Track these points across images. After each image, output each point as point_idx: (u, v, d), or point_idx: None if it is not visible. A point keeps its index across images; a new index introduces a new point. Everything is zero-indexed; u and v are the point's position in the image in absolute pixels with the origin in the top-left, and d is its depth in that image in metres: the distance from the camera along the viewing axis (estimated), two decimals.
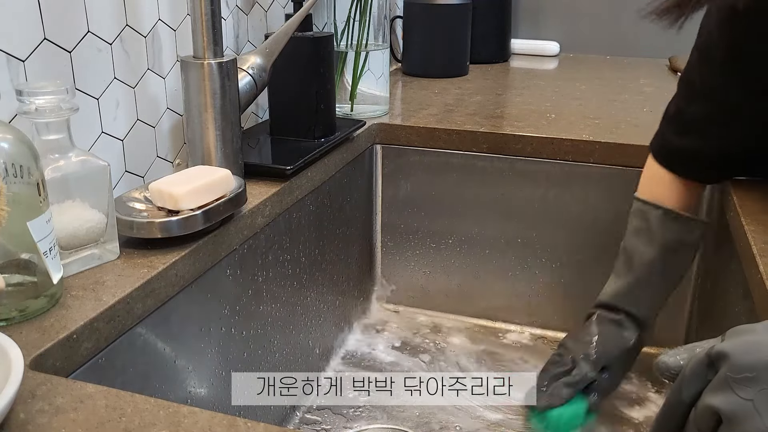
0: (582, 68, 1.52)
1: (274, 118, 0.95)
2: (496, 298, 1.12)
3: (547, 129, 1.03)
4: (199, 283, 0.68)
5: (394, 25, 1.47)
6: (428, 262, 1.13)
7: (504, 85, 1.37)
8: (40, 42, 0.63)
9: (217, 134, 0.75)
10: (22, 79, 0.61)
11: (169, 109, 0.81)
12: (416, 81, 1.37)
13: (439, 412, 0.93)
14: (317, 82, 0.92)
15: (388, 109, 1.12)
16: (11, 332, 0.49)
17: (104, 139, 0.72)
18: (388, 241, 1.14)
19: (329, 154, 0.94)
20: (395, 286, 1.17)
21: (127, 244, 0.64)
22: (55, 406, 0.44)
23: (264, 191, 0.80)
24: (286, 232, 0.85)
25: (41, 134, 0.57)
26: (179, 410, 0.44)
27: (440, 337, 1.10)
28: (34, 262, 0.53)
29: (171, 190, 0.65)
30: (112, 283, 0.58)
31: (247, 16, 0.96)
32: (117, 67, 0.72)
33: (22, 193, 0.51)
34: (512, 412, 0.93)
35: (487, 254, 1.10)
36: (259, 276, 0.80)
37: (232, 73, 0.75)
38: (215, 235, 0.69)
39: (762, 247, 0.64)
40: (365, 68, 1.08)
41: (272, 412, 0.86)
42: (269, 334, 0.84)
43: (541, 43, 1.64)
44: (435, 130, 1.05)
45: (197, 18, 0.72)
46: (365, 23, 1.06)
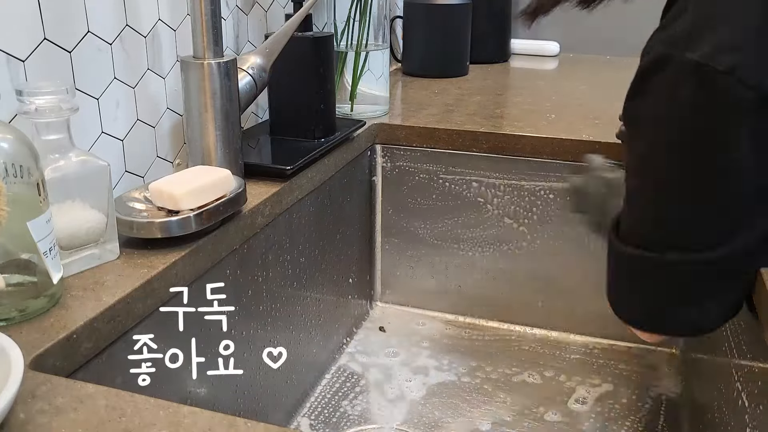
0: (582, 68, 1.52)
1: (274, 118, 0.95)
2: (496, 299, 1.12)
3: (547, 129, 1.03)
4: (199, 283, 0.68)
5: (394, 25, 1.47)
6: (428, 263, 1.13)
7: (504, 85, 1.37)
8: (40, 42, 0.63)
9: (217, 134, 0.75)
10: (22, 79, 0.61)
11: (169, 109, 0.81)
12: (416, 81, 1.37)
13: (439, 411, 0.94)
14: (317, 82, 0.92)
15: (388, 109, 1.12)
16: (11, 332, 0.49)
17: (104, 139, 0.72)
18: (388, 241, 1.14)
19: (329, 154, 0.94)
20: (395, 286, 1.17)
21: (127, 244, 0.64)
22: (55, 406, 0.44)
23: (264, 191, 0.80)
24: (286, 232, 0.85)
25: (41, 134, 0.57)
26: (179, 410, 0.44)
27: (440, 337, 1.10)
28: (34, 262, 0.53)
29: (171, 190, 0.65)
30: (112, 283, 0.58)
31: (247, 16, 0.96)
32: (117, 67, 0.72)
33: (22, 193, 0.51)
34: (512, 412, 0.93)
35: (487, 254, 1.10)
36: (259, 276, 0.80)
37: (232, 73, 0.75)
38: (215, 235, 0.69)
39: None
40: (365, 68, 1.08)
41: (275, 412, 0.86)
42: (269, 334, 0.84)
43: (541, 43, 1.64)
44: (435, 130, 1.05)
45: (197, 18, 0.72)
46: (365, 23, 1.06)
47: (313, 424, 0.92)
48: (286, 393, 0.90)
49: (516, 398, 0.96)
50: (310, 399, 0.96)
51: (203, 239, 0.67)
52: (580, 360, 1.05)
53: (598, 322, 1.08)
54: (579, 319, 1.09)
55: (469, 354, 1.06)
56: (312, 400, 0.96)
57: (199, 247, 0.66)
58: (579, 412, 0.94)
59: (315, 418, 0.93)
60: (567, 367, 1.03)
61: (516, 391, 0.98)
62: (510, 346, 1.08)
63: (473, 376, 1.01)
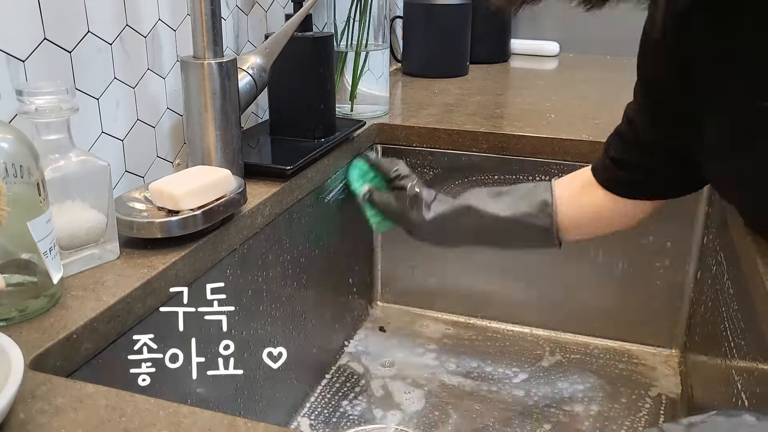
0: (582, 68, 1.52)
1: (274, 118, 0.95)
2: (496, 299, 1.12)
3: (547, 129, 1.03)
4: (199, 283, 0.68)
5: (394, 25, 1.47)
6: (428, 263, 1.13)
7: (504, 85, 1.37)
8: (40, 42, 0.63)
9: (217, 134, 0.75)
10: (22, 79, 0.61)
11: (169, 109, 0.81)
12: (416, 81, 1.37)
13: (439, 411, 0.94)
14: (317, 82, 0.92)
15: (388, 109, 1.12)
16: (11, 332, 0.49)
17: (104, 139, 0.72)
18: (388, 241, 1.14)
19: (329, 154, 0.94)
20: (395, 286, 1.17)
21: (127, 244, 0.64)
22: (55, 406, 0.44)
23: (264, 191, 0.80)
24: (286, 232, 0.85)
25: (41, 134, 0.57)
26: (179, 410, 0.44)
27: (440, 337, 1.10)
28: (34, 262, 0.53)
29: (171, 190, 0.65)
30: (112, 283, 0.58)
31: (247, 16, 0.96)
32: (117, 67, 0.72)
33: (22, 193, 0.51)
34: (511, 409, 0.93)
35: (486, 254, 1.09)
36: (259, 276, 0.80)
37: (232, 73, 0.75)
38: (215, 235, 0.69)
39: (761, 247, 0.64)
40: (365, 68, 1.08)
41: (275, 411, 0.86)
42: (269, 334, 0.84)
43: (541, 43, 1.64)
44: (435, 130, 1.05)
45: (197, 18, 0.72)
46: (365, 23, 1.06)
47: (313, 424, 0.92)
48: (286, 393, 0.90)
49: (516, 398, 0.96)
50: (310, 399, 0.96)
51: (203, 239, 0.67)
52: (580, 360, 1.05)
53: (598, 322, 1.08)
54: (579, 319, 1.09)
55: (469, 354, 1.06)
56: (312, 400, 0.96)
57: (199, 247, 0.66)
58: (579, 412, 0.94)
59: (315, 418, 0.93)
60: (567, 367, 1.03)
61: (516, 391, 0.98)
62: (510, 346, 1.08)
63: (473, 376, 1.01)
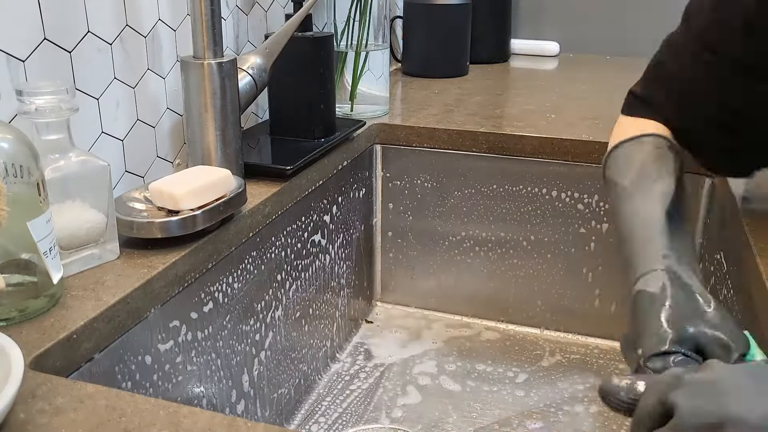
0: (582, 68, 1.52)
1: (274, 118, 0.95)
2: (496, 299, 1.12)
3: (547, 129, 1.03)
4: (199, 283, 0.68)
5: (394, 25, 1.47)
6: (428, 263, 1.13)
7: (504, 85, 1.37)
8: (40, 42, 0.63)
9: (217, 134, 0.75)
10: (22, 79, 0.61)
11: (169, 109, 0.82)
12: (416, 81, 1.37)
13: (439, 411, 0.94)
14: (317, 82, 0.92)
15: (388, 109, 1.13)
16: (11, 332, 0.49)
17: (104, 139, 0.72)
18: (387, 241, 1.14)
19: (329, 154, 0.94)
20: (395, 286, 1.17)
21: (127, 244, 0.64)
22: (55, 406, 0.44)
23: (264, 191, 0.80)
24: (285, 232, 0.85)
25: (41, 134, 0.57)
26: (179, 410, 0.44)
27: (440, 337, 1.10)
28: (34, 262, 0.53)
29: (171, 190, 0.65)
30: (112, 283, 0.58)
31: (247, 16, 0.96)
32: (117, 67, 0.72)
33: (22, 193, 0.51)
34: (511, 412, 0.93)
35: (487, 254, 1.10)
36: (259, 276, 0.80)
37: (232, 73, 0.75)
38: (215, 235, 0.69)
39: (761, 247, 0.64)
40: (365, 68, 1.08)
41: (275, 410, 0.86)
42: (268, 333, 0.84)
43: (541, 43, 1.64)
44: (435, 130, 1.05)
45: (197, 18, 0.72)
46: (365, 23, 1.06)
47: (313, 424, 0.92)
48: (287, 393, 0.90)
49: (516, 398, 0.97)
50: (309, 399, 0.96)
51: (203, 239, 0.67)
52: (580, 360, 1.05)
53: (598, 322, 1.08)
54: (579, 319, 1.09)
55: (468, 354, 1.06)
56: (312, 400, 0.96)
57: (199, 247, 0.66)
58: (579, 412, 0.94)
59: (315, 418, 0.93)
60: (567, 367, 1.03)
61: (516, 391, 0.98)
62: (510, 346, 1.08)
63: (473, 376, 1.01)
